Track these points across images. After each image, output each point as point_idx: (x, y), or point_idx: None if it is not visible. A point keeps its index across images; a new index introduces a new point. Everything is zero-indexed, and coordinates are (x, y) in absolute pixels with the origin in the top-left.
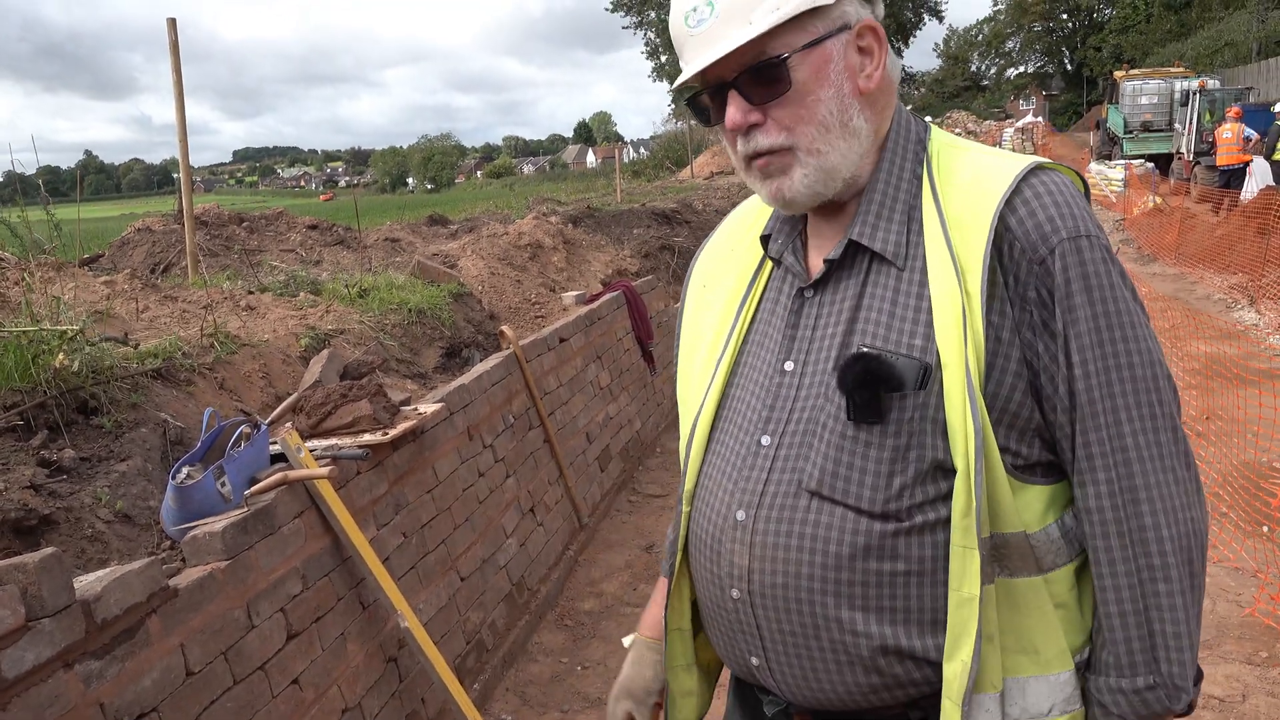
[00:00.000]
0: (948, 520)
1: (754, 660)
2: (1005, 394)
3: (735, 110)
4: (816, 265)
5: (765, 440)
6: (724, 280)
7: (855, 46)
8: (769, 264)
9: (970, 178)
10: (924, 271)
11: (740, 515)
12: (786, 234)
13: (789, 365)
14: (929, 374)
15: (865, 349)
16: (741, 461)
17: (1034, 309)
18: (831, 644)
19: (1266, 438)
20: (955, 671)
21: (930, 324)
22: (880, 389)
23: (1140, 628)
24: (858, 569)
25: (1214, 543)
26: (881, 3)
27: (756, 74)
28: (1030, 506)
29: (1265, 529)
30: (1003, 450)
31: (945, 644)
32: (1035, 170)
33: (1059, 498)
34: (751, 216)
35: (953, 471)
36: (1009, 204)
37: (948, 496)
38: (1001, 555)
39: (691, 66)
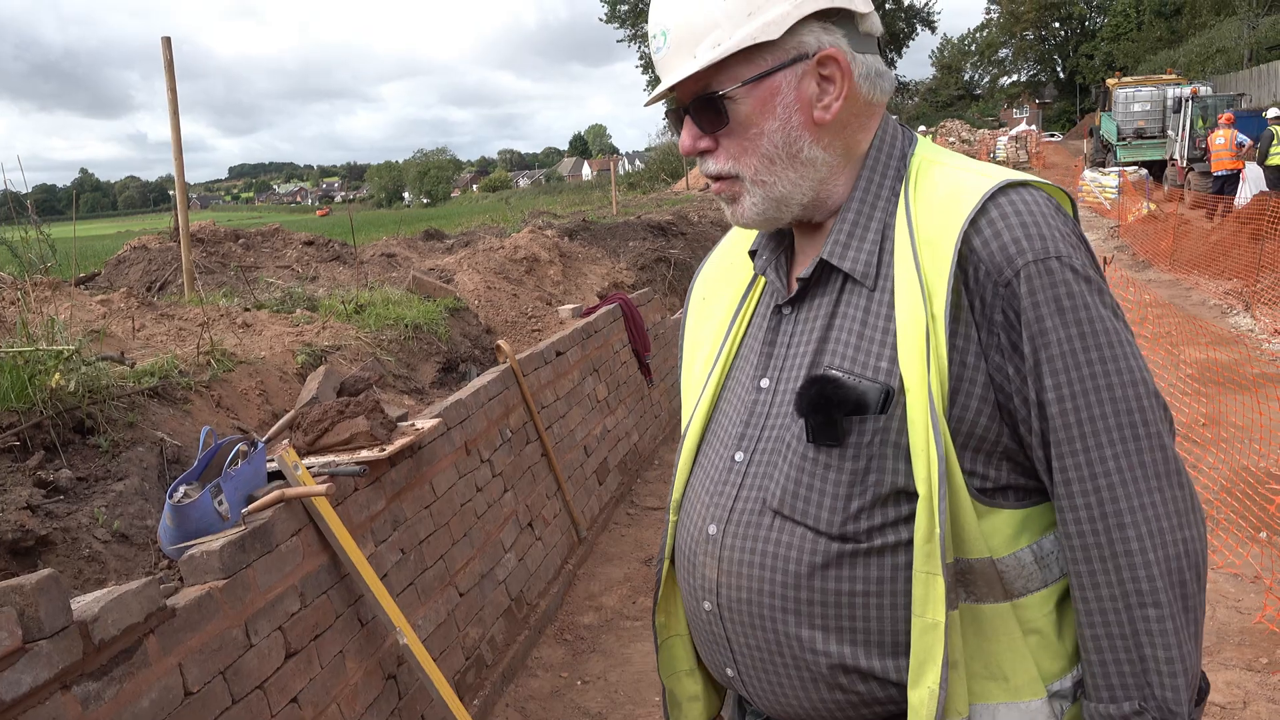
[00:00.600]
0: (908, 543)
1: (729, 671)
2: (971, 418)
3: (687, 136)
4: (795, 281)
5: (739, 456)
6: (721, 294)
7: (816, 76)
8: (763, 278)
9: (942, 196)
10: (894, 293)
11: (712, 529)
12: (771, 250)
13: (764, 382)
14: (891, 398)
15: (825, 372)
16: (719, 476)
17: (1001, 332)
18: (795, 660)
19: (1265, 443)
20: (922, 698)
21: (896, 347)
22: (835, 412)
23: (1129, 652)
24: (815, 588)
25: (1215, 548)
26: (873, 18)
27: (702, 105)
28: (998, 531)
29: (1263, 534)
30: (968, 474)
31: (910, 669)
32: (1005, 189)
33: (1033, 522)
34: (747, 231)
35: (914, 496)
36: (974, 225)
37: (908, 520)
38: (966, 580)
39: (658, 87)
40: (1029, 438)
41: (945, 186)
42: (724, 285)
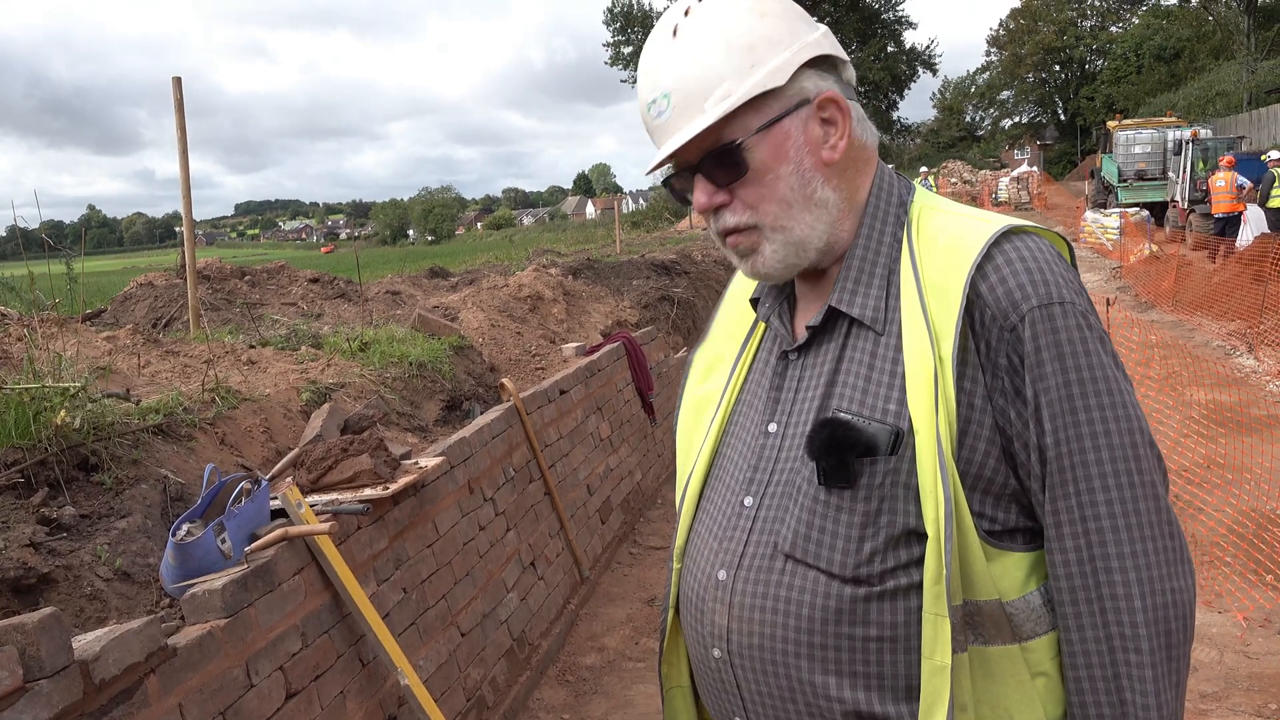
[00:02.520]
0: (919, 586)
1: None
2: (979, 460)
3: (701, 193)
4: (801, 329)
5: (748, 501)
6: (726, 340)
7: (817, 119)
8: (762, 325)
9: (946, 242)
10: (901, 336)
11: (721, 575)
12: (774, 298)
13: (772, 427)
14: (901, 439)
15: (836, 414)
16: (726, 521)
17: (1006, 376)
18: (808, 706)
19: (1272, 485)
20: None
21: (904, 389)
22: (848, 455)
23: (1110, 694)
24: (829, 633)
25: (1219, 592)
26: (850, 67)
27: (716, 158)
28: (1008, 574)
29: (1270, 578)
30: (977, 516)
31: (920, 712)
32: (1008, 235)
33: (1042, 565)
34: (742, 291)
35: (925, 537)
36: (980, 270)
37: (920, 562)
38: (975, 623)
39: (659, 154)
40: (1028, 481)
41: (949, 233)
42: (726, 333)
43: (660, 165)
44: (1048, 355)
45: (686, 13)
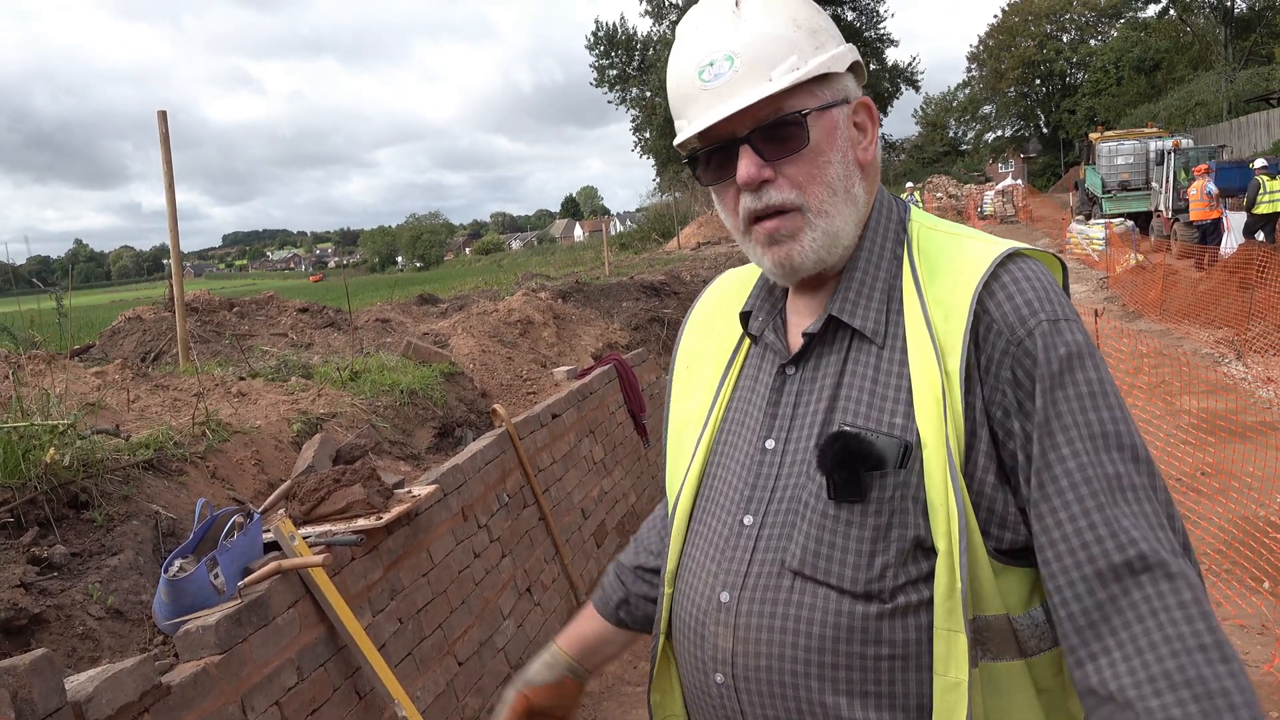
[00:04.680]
0: (930, 602)
1: None
2: (981, 475)
3: (749, 164)
4: (796, 341)
5: (748, 520)
6: (705, 360)
7: (853, 121)
8: (747, 341)
9: (950, 261)
10: (904, 350)
11: (724, 597)
12: (767, 311)
13: (770, 443)
14: (910, 452)
15: (846, 427)
16: (724, 542)
17: (1009, 388)
18: None
19: (1264, 492)
20: None
21: (910, 403)
22: (860, 468)
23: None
24: (841, 652)
25: (1218, 600)
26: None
27: (773, 130)
28: (1014, 590)
29: (1266, 585)
30: (984, 532)
31: None
32: (1013, 256)
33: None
34: (730, 293)
35: (934, 551)
36: (987, 287)
37: (930, 577)
38: (984, 639)
39: (704, 118)
40: (1027, 492)
41: (951, 251)
42: (707, 351)
43: (716, 125)
44: (1059, 368)
45: None
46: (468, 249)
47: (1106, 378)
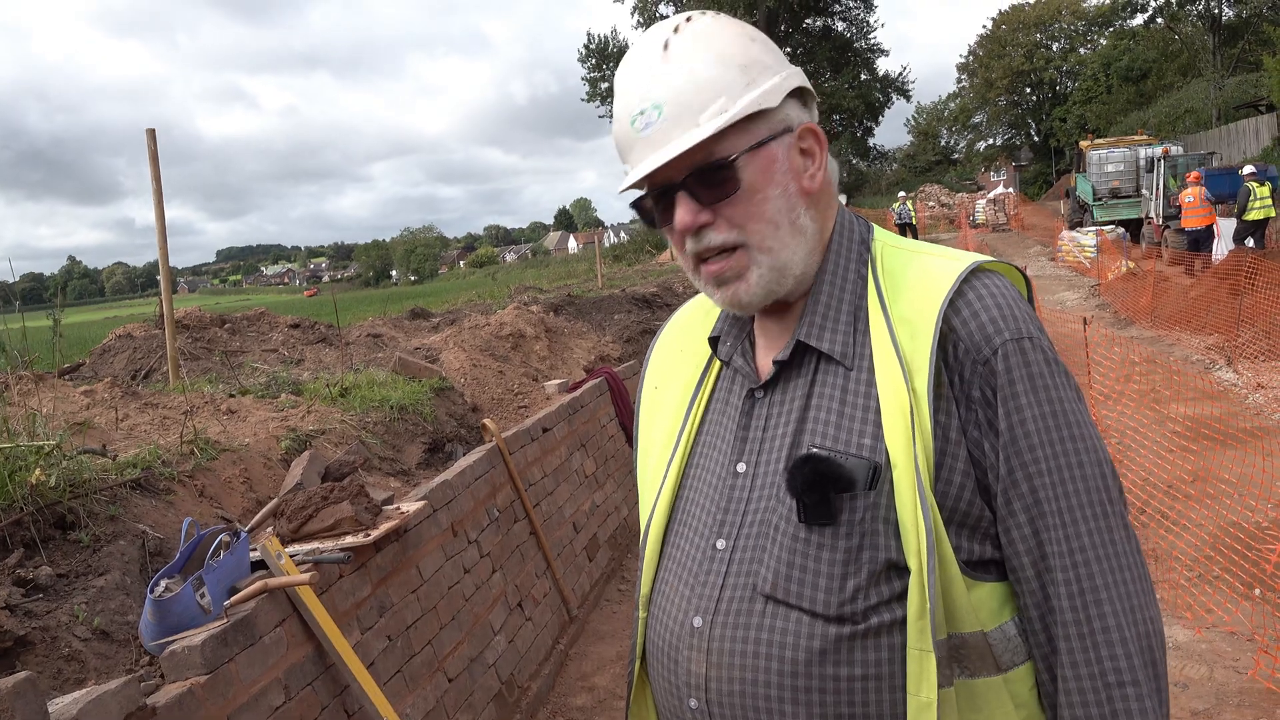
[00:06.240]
0: (903, 622)
1: None
2: (955, 492)
3: (685, 211)
4: (766, 365)
5: (720, 544)
6: (674, 382)
7: (798, 149)
8: (717, 363)
9: (914, 278)
10: (871, 371)
11: (697, 621)
12: (735, 336)
13: (741, 467)
14: (879, 473)
15: (814, 450)
16: (697, 566)
17: (979, 408)
18: None
19: (1254, 498)
20: None
21: (879, 423)
22: (830, 490)
23: None
24: (814, 675)
25: (1209, 606)
26: (815, 108)
27: (705, 175)
28: (985, 604)
29: (1257, 591)
30: (956, 549)
31: None
32: (976, 272)
33: (1013, 595)
34: (699, 316)
35: (906, 571)
36: (952, 305)
37: (902, 597)
38: (961, 656)
39: (639, 169)
40: (1001, 509)
41: (916, 270)
42: (676, 374)
43: (634, 185)
44: (1021, 388)
45: (676, 30)
46: (462, 262)
47: (1066, 395)
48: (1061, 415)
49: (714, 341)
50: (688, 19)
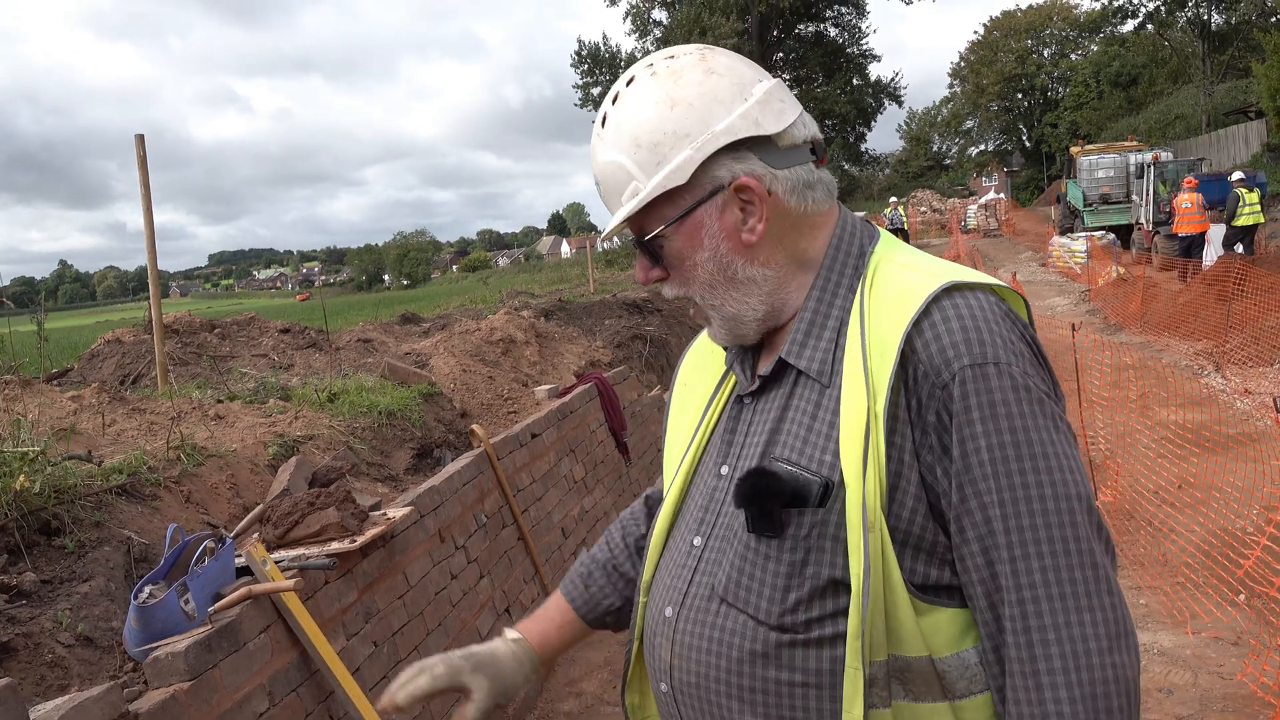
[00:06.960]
0: (845, 636)
1: None
2: (908, 515)
3: (640, 269)
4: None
5: (697, 541)
6: (700, 381)
7: (737, 203)
8: None
9: (892, 295)
10: (842, 388)
11: (668, 612)
12: (738, 347)
13: (724, 469)
14: (830, 491)
15: (771, 462)
16: (679, 560)
17: (934, 433)
18: None
19: (1241, 504)
20: None
21: (840, 441)
22: (773, 504)
23: None
24: (756, 675)
25: (1196, 612)
26: (800, 126)
27: (640, 244)
28: (940, 630)
29: (1242, 597)
30: (909, 571)
31: None
32: (949, 291)
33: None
34: None
35: (850, 590)
36: (917, 326)
37: (846, 613)
38: (905, 678)
39: (607, 227)
40: (955, 537)
41: (895, 285)
42: (703, 372)
43: (611, 235)
44: (978, 415)
45: (615, 99)
46: (454, 266)
47: (1032, 424)
48: (1025, 445)
49: (727, 347)
50: (628, 82)
